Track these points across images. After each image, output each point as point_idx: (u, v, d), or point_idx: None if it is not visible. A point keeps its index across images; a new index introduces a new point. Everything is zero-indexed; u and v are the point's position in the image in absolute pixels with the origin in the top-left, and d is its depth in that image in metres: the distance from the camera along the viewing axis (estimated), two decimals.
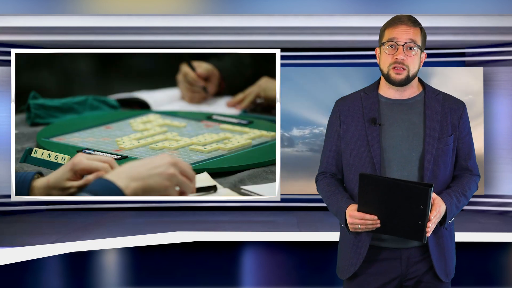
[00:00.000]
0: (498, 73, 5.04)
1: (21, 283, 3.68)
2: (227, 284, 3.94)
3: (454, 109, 1.94)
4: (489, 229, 4.21)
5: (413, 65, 1.89)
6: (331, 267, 3.83)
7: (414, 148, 1.89)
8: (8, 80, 4.64)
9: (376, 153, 1.89)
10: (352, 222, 1.82)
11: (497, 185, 5.03)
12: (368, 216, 1.78)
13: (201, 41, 4.81)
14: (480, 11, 4.48)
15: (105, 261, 3.93)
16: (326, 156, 2.03)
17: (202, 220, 4.67)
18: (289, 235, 4.01)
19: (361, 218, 1.80)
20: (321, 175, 2.04)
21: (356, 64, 5.14)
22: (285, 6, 4.54)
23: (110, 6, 4.57)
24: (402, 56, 1.86)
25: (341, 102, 2.02)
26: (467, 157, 1.97)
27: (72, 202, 5.05)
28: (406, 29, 1.87)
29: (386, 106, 1.94)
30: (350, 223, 1.84)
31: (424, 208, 1.70)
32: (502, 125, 5.04)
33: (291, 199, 5.11)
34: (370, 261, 1.92)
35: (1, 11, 4.46)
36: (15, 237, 4.09)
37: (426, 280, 1.92)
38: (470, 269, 3.88)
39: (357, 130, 1.93)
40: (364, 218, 1.79)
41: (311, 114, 5.06)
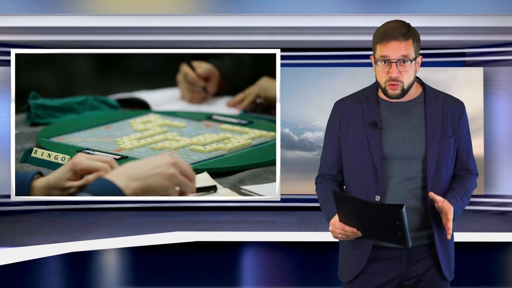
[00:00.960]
0: (498, 73, 5.04)
1: (21, 283, 3.68)
2: (227, 284, 3.94)
3: (454, 109, 1.94)
4: (489, 229, 4.21)
5: (408, 77, 1.87)
6: (331, 267, 3.83)
7: (416, 151, 1.89)
8: (8, 80, 4.64)
9: (377, 157, 1.88)
10: (333, 231, 1.84)
11: (497, 185, 5.03)
12: (348, 228, 1.79)
13: (201, 41, 4.81)
14: (480, 11, 4.48)
15: (105, 261, 3.93)
16: (326, 159, 2.02)
17: (202, 220, 4.67)
18: (289, 235, 4.01)
19: (341, 229, 1.81)
20: (320, 178, 2.04)
21: (356, 64, 5.14)
22: (285, 6, 4.54)
23: (110, 6, 4.57)
24: (396, 74, 1.84)
25: (340, 104, 2.01)
26: (467, 157, 1.97)
27: (72, 202, 5.05)
28: (398, 45, 1.82)
29: (386, 109, 1.93)
30: (331, 231, 1.85)
31: (400, 223, 1.69)
32: (502, 125, 5.03)
33: (291, 199, 5.11)
34: (370, 260, 1.92)
35: (1, 11, 4.46)
36: (15, 237, 4.09)
37: (426, 279, 1.92)
38: (470, 269, 3.88)
39: (358, 133, 1.93)
40: (344, 229, 1.80)
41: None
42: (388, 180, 1.88)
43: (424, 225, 1.89)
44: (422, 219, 1.88)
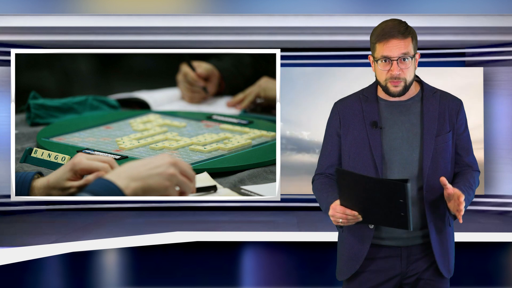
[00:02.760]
0: (498, 73, 5.04)
1: (21, 283, 3.68)
2: (227, 284, 3.94)
3: (452, 106, 1.95)
4: (489, 229, 4.21)
5: (409, 74, 1.88)
6: (331, 267, 3.83)
7: (414, 149, 1.89)
8: (8, 80, 4.64)
9: (378, 156, 1.89)
10: (333, 215, 1.82)
11: (497, 185, 5.03)
12: (349, 212, 1.78)
13: (201, 41, 4.81)
14: (480, 11, 4.48)
15: (105, 261, 3.93)
16: (326, 157, 2.02)
17: (202, 220, 4.67)
18: (289, 235, 4.01)
19: (342, 213, 1.79)
20: (318, 176, 2.04)
21: (356, 64, 5.14)
22: (285, 6, 4.54)
23: (110, 6, 4.57)
24: (397, 72, 1.86)
25: (340, 104, 2.02)
26: (466, 153, 1.97)
27: (72, 202, 5.05)
28: (398, 43, 1.84)
29: (385, 108, 1.94)
30: (331, 215, 1.83)
31: (404, 201, 1.68)
32: (502, 125, 5.03)
33: (291, 199, 5.11)
34: (370, 259, 1.93)
35: (1, 11, 4.46)
36: (15, 237, 4.09)
37: (426, 277, 1.92)
38: (470, 269, 3.88)
39: (358, 133, 1.93)
40: (345, 213, 1.79)
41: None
42: None
43: (421, 225, 1.90)
44: (419, 218, 1.89)
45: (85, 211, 5.09)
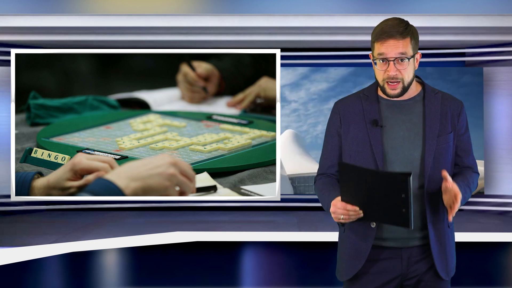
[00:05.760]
0: (498, 73, 5.04)
1: (21, 283, 3.68)
2: (227, 284, 3.94)
3: (453, 107, 1.95)
4: (489, 229, 4.21)
5: (407, 75, 1.87)
6: (331, 267, 3.82)
7: (415, 148, 1.89)
8: (8, 80, 4.64)
9: (378, 155, 1.88)
10: (334, 211, 1.81)
11: (497, 185, 5.03)
12: (350, 207, 1.77)
13: (201, 41, 4.81)
14: (480, 11, 4.48)
15: (105, 261, 3.93)
16: (327, 158, 2.02)
17: (202, 220, 4.67)
18: (289, 235, 4.01)
19: (343, 208, 1.78)
20: (320, 176, 2.04)
21: (356, 64, 5.14)
22: (285, 6, 4.54)
23: (110, 6, 4.57)
24: (394, 72, 1.85)
25: (340, 103, 2.01)
26: (466, 155, 1.97)
27: (72, 202, 5.05)
28: (395, 43, 1.83)
29: (386, 107, 1.94)
30: (332, 212, 1.83)
31: (406, 196, 1.67)
32: (502, 125, 5.03)
33: (291, 199, 5.11)
34: (371, 260, 1.92)
35: (1, 11, 4.46)
36: (15, 237, 4.09)
37: (427, 279, 1.92)
38: (470, 269, 3.88)
39: (359, 132, 1.93)
40: (346, 209, 1.78)
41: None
42: None
43: (421, 225, 1.89)
44: (419, 219, 1.88)
45: (85, 211, 5.09)
